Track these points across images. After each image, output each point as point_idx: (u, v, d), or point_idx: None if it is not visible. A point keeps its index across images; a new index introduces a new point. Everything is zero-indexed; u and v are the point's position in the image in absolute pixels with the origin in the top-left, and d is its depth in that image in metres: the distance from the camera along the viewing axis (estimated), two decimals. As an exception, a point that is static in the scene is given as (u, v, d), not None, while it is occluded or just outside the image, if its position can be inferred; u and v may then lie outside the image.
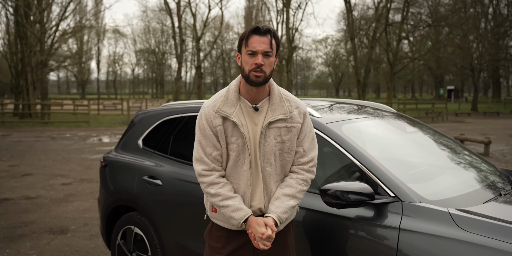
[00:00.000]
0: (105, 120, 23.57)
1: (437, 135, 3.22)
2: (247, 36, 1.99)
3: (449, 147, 3.09)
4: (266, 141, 2.04)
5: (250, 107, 2.06)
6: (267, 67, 1.98)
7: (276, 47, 2.03)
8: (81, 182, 7.75)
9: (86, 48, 63.54)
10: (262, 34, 1.98)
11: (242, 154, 2.05)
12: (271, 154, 2.04)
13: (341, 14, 52.85)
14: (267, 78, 2.00)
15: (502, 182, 2.73)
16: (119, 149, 3.76)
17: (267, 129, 2.04)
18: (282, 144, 2.06)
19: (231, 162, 2.07)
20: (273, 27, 2.06)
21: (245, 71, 2.00)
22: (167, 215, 3.14)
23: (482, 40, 34.74)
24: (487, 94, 63.88)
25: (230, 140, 2.05)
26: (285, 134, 2.06)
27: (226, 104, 2.04)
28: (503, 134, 16.20)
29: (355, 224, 2.20)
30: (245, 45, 1.99)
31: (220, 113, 2.03)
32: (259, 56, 1.96)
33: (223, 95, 2.08)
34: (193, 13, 29.00)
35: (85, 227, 5.20)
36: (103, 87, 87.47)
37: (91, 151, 11.73)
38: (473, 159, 3.01)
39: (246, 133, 2.03)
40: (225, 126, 2.04)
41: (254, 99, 2.07)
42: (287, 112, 2.05)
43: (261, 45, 1.96)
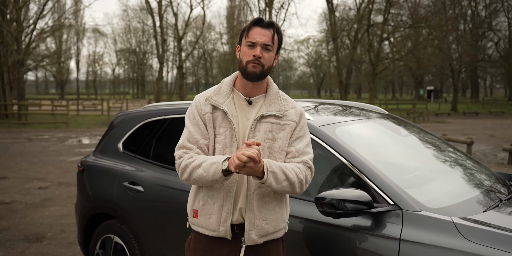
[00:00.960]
0: (85, 121, 23.09)
1: (430, 137, 3.11)
2: (248, 27, 1.91)
3: (443, 149, 2.98)
4: (256, 135, 1.91)
5: (244, 100, 1.96)
6: (266, 60, 1.89)
7: (278, 42, 1.93)
8: (59, 186, 7.48)
9: (65, 47, 62.41)
10: (265, 27, 1.90)
11: (229, 147, 1.91)
12: (260, 151, 1.86)
13: (323, 15, 53.09)
14: (264, 72, 1.90)
15: (500, 187, 2.63)
16: (98, 153, 3.56)
17: (258, 122, 1.92)
18: (272, 142, 1.91)
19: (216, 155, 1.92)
20: (277, 23, 1.96)
21: (243, 62, 1.90)
22: (150, 224, 2.96)
23: (461, 41, 35.21)
24: (465, 95, 64.92)
25: (218, 131, 1.93)
26: (278, 131, 1.93)
27: (218, 94, 1.96)
28: (484, 134, 16.37)
29: (352, 234, 2.06)
30: (246, 36, 1.91)
31: (210, 101, 1.94)
32: (258, 48, 1.87)
33: (216, 87, 2.01)
34: (175, 13, 28.67)
35: (62, 234, 4.96)
36: (82, 87, 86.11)
37: (69, 153, 11.40)
38: (468, 162, 2.91)
39: (236, 124, 1.92)
40: (215, 115, 1.94)
41: (249, 93, 1.97)
42: (282, 110, 1.95)
43: (262, 37, 1.87)
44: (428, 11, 32.55)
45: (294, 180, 1.83)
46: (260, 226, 1.91)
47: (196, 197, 2.01)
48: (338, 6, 37.18)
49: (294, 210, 2.22)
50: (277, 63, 1.99)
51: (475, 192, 2.41)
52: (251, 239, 1.90)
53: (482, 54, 43.12)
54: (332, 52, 48.12)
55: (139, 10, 42.70)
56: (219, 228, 1.92)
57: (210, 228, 1.94)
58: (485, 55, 44.62)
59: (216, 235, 1.93)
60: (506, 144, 12.34)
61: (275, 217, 1.95)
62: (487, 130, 18.22)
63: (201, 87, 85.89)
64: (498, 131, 17.79)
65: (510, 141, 13.48)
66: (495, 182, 2.68)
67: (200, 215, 1.98)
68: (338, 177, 2.37)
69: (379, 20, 30.93)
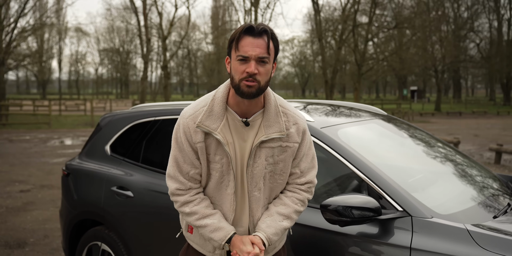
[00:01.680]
0: (67, 121, 22.66)
1: (430, 138, 3.02)
2: (237, 37, 1.62)
3: (444, 151, 2.89)
4: (256, 162, 1.72)
5: (240, 121, 1.72)
6: (262, 76, 1.62)
7: (274, 51, 1.66)
8: (41, 189, 7.24)
9: (46, 46, 61.29)
10: (257, 35, 1.60)
11: (226, 175, 1.74)
12: (260, 177, 1.74)
13: (308, 16, 53.19)
14: (261, 89, 1.64)
15: (505, 190, 2.55)
16: (84, 156, 3.39)
17: (258, 148, 1.72)
18: (274, 166, 1.75)
19: (213, 183, 1.77)
20: (271, 28, 1.71)
21: (235, 80, 1.64)
22: (139, 230, 2.81)
23: (444, 42, 35.59)
24: (447, 95, 65.73)
25: (214, 159, 1.73)
26: (279, 154, 1.74)
27: (210, 116, 1.70)
28: (468, 134, 16.50)
29: (359, 243, 1.95)
30: (235, 48, 1.62)
31: (202, 128, 1.69)
32: (252, 63, 1.60)
33: (207, 105, 1.72)
34: (160, 12, 28.35)
35: (45, 240, 4.76)
36: (65, 87, 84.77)
37: (52, 155, 11.11)
38: (470, 164, 2.82)
39: (232, 153, 1.72)
40: (208, 142, 1.71)
41: (244, 112, 1.72)
42: (283, 130, 1.71)
43: (255, 49, 1.59)
44: (412, 12, 32.82)
45: (294, 219, 1.81)
46: (267, 247, 1.79)
47: None
48: (323, 6, 37.27)
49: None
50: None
51: (482, 197, 2.32)
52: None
53: (464, 54, 43.64)
54: (317, 52, 48.22)
55: (123, 9, 42.23)
56: (215, 250, 1.81)
57: (206, 249, 1.84)
58: (467, 56, 45.16)
59: (219, 254, 1.82)
60: (491, 144, 12.44)
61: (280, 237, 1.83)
62: (472, 130, 18.39)
63: (185, 87, 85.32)
64: (482, 131, 17.97)
65: (495, 141, 13.60)
66: (499, 185, 2.60)
67: (196, 232, 1.85)
68: (341, 182, 2.26)
69: (364, 21, 31.06)
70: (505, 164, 9.82)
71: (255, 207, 1.77)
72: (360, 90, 28.41)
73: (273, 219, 1.74)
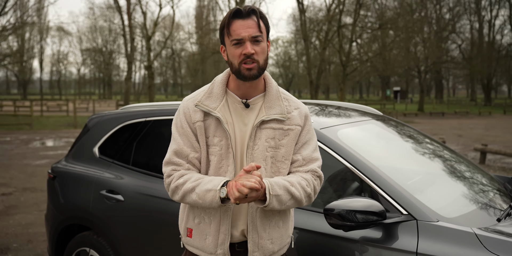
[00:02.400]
0: (49, 122, 22.24)
1: (427, 139, 2.98)
2: (227, 23, 1.62)
3: (441, 152, 2.85)
4: (256, 144, 1.67)
5: (240, 102, 1.70)
6: (259, 55, 1.63)
7: (266, 29, 1.66)
8: (24, 192, 7.04)
9: (28, 46, 60.23)
10: (246, 17, 1.61)
11: (225, 160, 1.67)
12: (261, 160, 1.67)
13: (292, 16, 53.32)
14: (261, 68, 1.65)
15: (504, 192, 2.52)
16: (71, 158, 3.27)
17: (258, 129, 1.67)
18: (275, 150, 1.68)
19: (212, 170, 1.69)
20: (258, 7, 1.67)
21: (234, 65, 1.64)
22: (130, 235, 2.70)
23: (427, 43, 36.02)
24: (429, 95, 66.57)
25: (212, 141, 1.67)
26: (281, 137, 1.69)
27: (210, 97, 1.70)
28: (452, 134, 16.68)
29: (364, 248, 1.88)
30: (227, 34, 1.63)
31: (201, 107, 1.68)
32: (247, 44, 1.60)
33: (207, 88, 1.75)
34: (144, 11, 28.07)
35: (29, 245, 4.61)
36: (46, 88, 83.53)
37: (34, 156, 10.86)
38: (468, 166, 2.79)
39: (232, 133, 1.67)
40: (207, 123, 1.68)
41: (245, 94, 1.71)
42: (285, 112, 1.70)
43: (247, 30, 1.60)
44: (395, 13, 33.13)
45: (301, 196, 1.64)
46: (265, 246, 1.71)
47: (190, 213, 1.77)
48: (308, 7, 37.37)
49: (296, 221, 2.03)
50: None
51: (483, 199, 2.28)
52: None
53: (446, 55, 44.27)
54: (301, 53, 48.37)
55: (106, 8, 41.72)
56: (217, 250, 1.70)
57: (207, 250, 1.72)
58: (449, 57, 45.83)
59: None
60: (475, 144, 12.58)
61: (280, 234, 1.75)
62: (455, 130, 18.60)
63: (169, 87, 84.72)
64: (465, 131, 18.19)
65: (479, 141, 13.76)
66: (498, 187, 2.57)
67: (195, 235, 1.75)
68: (343, 185, 2.20)
69: (348, 22, 31.23)
70: (490, 164, 9.92)
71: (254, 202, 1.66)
72: (344, 91, 28.52)
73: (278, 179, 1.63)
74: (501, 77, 56.30)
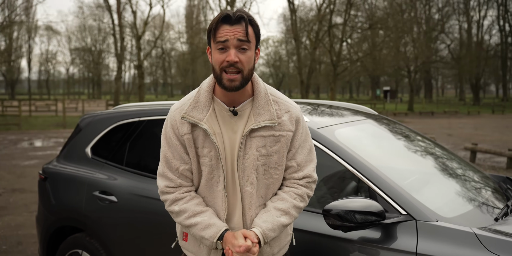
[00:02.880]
0: (38, 122, 22.00)
1: (422, 138, 2.98)
2: (215, 27, 1.56)
3: (436, 152, 2.85)
4: (247, 154, 1.63)
5: (227, 110, 1.65)
6: (244, 64, 1.55)
7: (255, 37, 1.59)
8: (13, 193, 6.94)
9: (15, 45, 59.51)
10: (235, 22, 1.54)
11: (216, 170, 1.64)
12: (252, 170, 1.64)
13: (283, 16, 53.35)
14: (245, 79, 1.57)
15: (499, 191, 2.52)
16: (62, 159, 3.21)
17: (248, 138, 1.62)
18: (267, 158, 1.64)
19: (204, 180, 1.67)
20: (249, 13, 1.60)
21: (216, 70, 1.58)
22: (124, 237, 2.66)
23: (416, 43, 36.27)
24: (419, 95, 67.02)
25: (202, 152, 1.64)
26: (272, 145, 1.64)
27: (196, 107, 1.64)
28: (442, 133, 16.79)
29: (362, 249, 1.87)
30: (213, 38, 1.57)
31: (187, 119, 1.63)
32: (232, 51, 1.53)
33: (193, 97, 1.68)
34: (134, 11, 27.90)
35: (19, 247, 4.54)
36: (34, 87, 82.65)
37: (23, 157, 10.72)
38: (463, 165, 2.79)
39: (220, 144, 1.62)
40: (195, 135, 1.64)
41: (232, 101, 1.65)
42: (274, 118, 1.63)
43: (233, 35, 1.53)
44: (385, 13, 33.30)
45: (296, 215, 1.69)
46: (263, 250, 1.69)
47: None
48: (299, 6, 37.42)
49: (294, 222, 2.00)
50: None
51: (480, 198, 2.28)
52: None
53: (435, 55, 44.61)
54: (292, 52, 48.43)
55: (95, 7, 41.40)
56: (210, 254, 1.70)
57: (201, 255, 1.72)
58: (438, 57, 46.20)
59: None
60: (465, 143, 12.68)
61: (278, 237, 1.73)
62: (445, 129, 18.74)
63: (159, 87, 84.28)
64: (455, 130, 18.33)
65: (468, 140, 13.87)
66: (493, 186, 2.57)
67: (190, 239, 1.75)
68: (340, 185, 2.18)
69: (338, 22, 31.32)
70: (480, 163, 10.00)
71: (248, 204, 1.65)
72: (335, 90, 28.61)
73: (270, 214, 1.62)
74: (489, 77, 56.90)
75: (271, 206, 1.66)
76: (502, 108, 36.14)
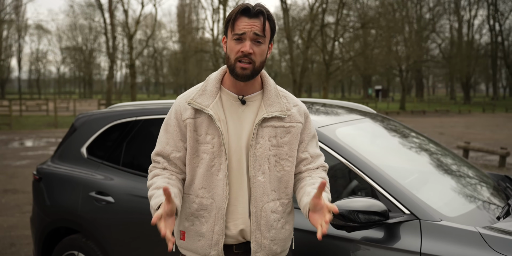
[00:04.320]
0: (29, 122, 21.80)
1: (422, 138, 2.97)
2: (234, 18, 1.60)
3: (435, 150, 2.84)
4: (258, 143, 1.63)
5: (236, 99, 1.67)
6: (257, 56, 1.60)
7: (270, 32, 1.64)
8: (5, 193, 6.85)
9: (5, 44, 58.96)
10: (253, 16, 1.59)
11: (217, 158, 1.63)
12: (265, 159, 1.64)
13: (275, 15, 53.35)
14: (256, 70, 1.61)
15: (499, 190, 2.52)
16: (57, 159, 3.16)
17: (260, 128, 1.63)
18: (278, 149, 1.65)
19: (203, 168, 1.64)
20: (268, 8, 1.63)
21: (230, 60, 1.62)
22: (121, 238, 2.62)
23: (408, 42, 36.46)
24: (410, 94, 67.37)
25: (205, 140, 1.64)
26: (282, 135, 1.66)
27: (203, 95, 1.67)
28: (434, 132, 16.89)
29: (366, 249, 1.85)
30: (231, 28, 1.61)
31: (193, 104, 1.65)
32: (247, 43, 1.58)
33: (201, 86, 1.72)
34: (125, 10, 27.73)
35: (12, 248, 4.47)
36: (24, 87, 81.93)
37: (14, 157, 10.60)
38: (463, 164, 2.78)
39: (224, 130, 1.63)
40: (199, 121, 1.64)
41: (241, 92, 1.68)
42: (284, 110, 1.67)
43: (251, 28, 1.57)
44: (377, 12, 33.43)
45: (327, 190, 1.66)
46: (268, 247, 1.66)
47: (182, 215, 1.72)
48: (291, 6, 37.43)
49: (296, 222, 1.98)
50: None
51: (481, 197, 2.27)
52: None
53: (426, 55, 44.87)
54: (284, 51, 48.44)
55: (86, 6, 41.09)
56: (210, 252, 1.66)
57: (200, 252, 1.68)
58: (429, 56, 46.49)
59: None
60: (457, 141, 12.75)
61: (284, 236, 1.71)
62: (436, 128, 18.84)
63: (151, 86, 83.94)
64: (446, 129, 18.44)
65: (460, 139, 13.96)
66: (493, 185, 2.57)
67: (188, 237, 1.70)
68: (342, 184, 2.16)
69: (331, 21, 31.40)
70: (472, 161, 10.06)
71: (260, 195, 1.63)
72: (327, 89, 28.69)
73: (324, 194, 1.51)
74: (479, 76, 57.42)
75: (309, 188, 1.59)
76: (493, 106, 36.45)
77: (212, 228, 1.64)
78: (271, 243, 1.66)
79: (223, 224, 1.63)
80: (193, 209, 1.68)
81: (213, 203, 1.64)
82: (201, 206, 1.66)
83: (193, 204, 1.68)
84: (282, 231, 1.69)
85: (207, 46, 34.19)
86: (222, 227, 1.63)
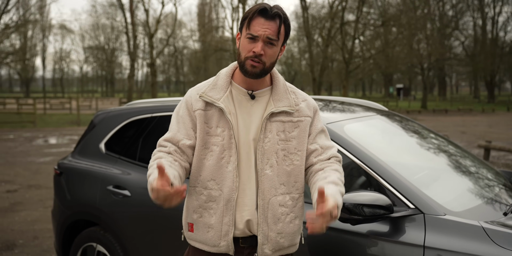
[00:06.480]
0: (53, 120, 22.31)
1: (432, 135, 2.99)
2: (250, 17, 1.64)
3: (446, 147, 2.86)
4: (267, 137, 1.67)
5: (245, 93, 1.72)
6: (267, 57, 1.64)
7: (284, 35, 1.68)
8: (29, 189, 7.08)
9: (30, 44, 60.27)
10: (270, 18, 1.62)
11: (227, 150, 1.67)
12: (273, 153, 1.68)
13: (295, 13, 53.19)
14: (265, 70, 1.66)
15: (509, 187, 2.52)
16: (77, 154, 3.28)
17: (268, 122, 1.68)
18: (286, 143, 1.69)
19: (213, 161, 1.68)
20: (284, 11, 1.68)
21: (241, 57, 1.66)
22: (137, 231, 2.72)
23: (429, 40, 35.94)
24: (432, 92, 66.38)
25: (215, 132, 1.68)
26: (291, 130, 1.70)
27: (214, 89, 1.72)
28: (455, 131, 16.65)
29: (371, 241, 1.89)
30: (247, 26, 1.65)
31: (204, 97, 1.70)
32: (260, 44, 1.61)
33: (211, 80, 1.77)
34: (146, 9, 28.08)
35: (35, 241, 4.64)
36: (49, 85, 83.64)
37: (38, 154, 10.90)
38: (473, 161, 2.79)
39: (235, 123, 1.68)
40: (209, 113, 1.69)
41: (250, 87, 1.73)
42: (293, 105, 1.71)
43: (265, 30, 1.61)
44: (398, 10, 33.04)
45: (342, 182, 1.63)
46: (274, 240, 1.69)
47: (190, 208, 1.76)
48: (311, 4, 37.29)
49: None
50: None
51: (489, 194, 2.29)
52: (264, 254, 1.69)
53: (449, 52, 44.13)
54: (304, 50, 48.29)
55: (108, 6, 41.73)
56: (220, 243, 1.69)
57: (209, 243, 1.71)
58: (452, 54, 45.69)
59: (217, 251, 1.70)
60: (479, 140, 12.55)
61: (292, 231, 1.73)
62: (458, 127, 18.57)
63: (171, 85, 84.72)
64: (469, 128, 18.16)
65: (482, 138, 13.74)
66: (503, 182, 2.58)
67: (197, 229, 1.74)
68: (349, 179, 2.20)
69: (350, 19, 31.17)
70: (494, 160, 9.91)
71: (267, 188, 1.66)
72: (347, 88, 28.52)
73: (333, 189, 1.52)
74: (504, 74, 56.13)
75: (331, 186, 1.56)
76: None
77: (221, 219, 1.68)
78: (277, 236, 1.69)
79: (232, 215, 1.67)
80: (201, 201, 1.71)
81: (222, 195, 1.68)
82: (210, 197, 1.70)
83: (201, 196, 1.71)
84: (290, 226, 1.71)
85: (226, 45, 34.37)
86: (232, 218, 1.67)
